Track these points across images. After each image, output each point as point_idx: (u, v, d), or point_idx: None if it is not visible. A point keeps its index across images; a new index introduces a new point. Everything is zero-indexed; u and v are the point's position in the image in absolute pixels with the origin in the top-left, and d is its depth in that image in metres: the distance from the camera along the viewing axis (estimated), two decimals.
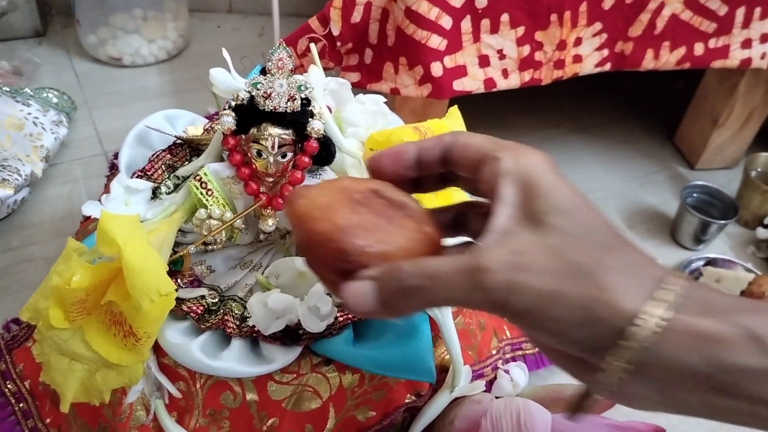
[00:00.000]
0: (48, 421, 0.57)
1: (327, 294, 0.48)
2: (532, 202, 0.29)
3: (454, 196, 0.48)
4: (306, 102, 0.49)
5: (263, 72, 0.48)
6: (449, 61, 0.74)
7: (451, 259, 0.29)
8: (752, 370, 0.25)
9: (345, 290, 0.31)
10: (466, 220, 0.37)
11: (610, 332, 0.26)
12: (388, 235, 0.31)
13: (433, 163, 0.36)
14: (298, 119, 0.48)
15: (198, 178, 0.52)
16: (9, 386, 0.58)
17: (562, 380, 0.64)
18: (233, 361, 0.47)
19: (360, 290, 0.30)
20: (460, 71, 0.75)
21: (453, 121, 0.60)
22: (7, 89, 0.93)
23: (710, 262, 0.86)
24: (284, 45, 0.48)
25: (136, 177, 0.58)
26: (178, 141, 0.61)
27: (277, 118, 0.48)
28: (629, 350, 0.26)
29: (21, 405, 0.58)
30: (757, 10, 0.82)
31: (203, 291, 0.50)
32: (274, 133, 0.48)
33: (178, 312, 0.48)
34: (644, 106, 1.20)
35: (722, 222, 0.86)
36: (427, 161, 0.36)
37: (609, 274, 0.26)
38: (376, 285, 0.30)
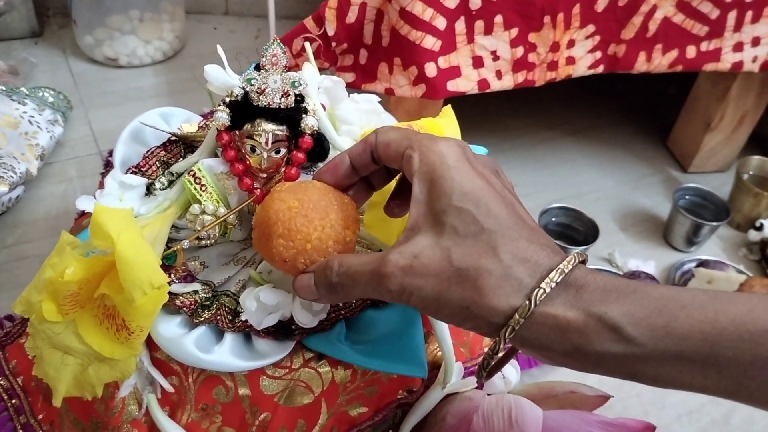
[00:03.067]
0: (40, 417, 0.57)
1: None
2: (435, 201, 0.33)
3: None
4: (300, 98, 0.49)
5: (257, 68, 0.48)
6: (443, 62, 0.75)
7: (367, 263, 0.34)
8: (610, 354, 0.30)
9: (296, 281, 0.38)
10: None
11: (490, 326, 0.32)
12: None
13: (368, 165, 0.40)
14: (292, 115, 0.49)
15: (192, 173, 0.52)
16: (1, 382, 0.58)
17: (554, 378, 0.64)
18: (226, 356, 0.47)
19: (304, 282, 0.37)
20: (454, 72, 0.76)
21: (446, 119, 0.60)
22: (3, 88, 0.93)
23: (702, 264, 0.87)
24: (278, 41, 0.48)
25: (131, 173, 0.58)
26: (173, 138, 0.62)
27: (271, 114, 0.48)
28: (507, 332, 0.31)
29: (13, 401, 0.58)
30: (749, 14, 0.83)
31: (196, 286, 0.50)
32: (268, 128, 0.48)
33: (171, 306, 0.48)
34: (638, 110, 1.21)
35: (714, 224, 0.87)
36: (362, 165, 0.40)
37: (486, 278, 0.31)
38: (313, 278, 0.37)
